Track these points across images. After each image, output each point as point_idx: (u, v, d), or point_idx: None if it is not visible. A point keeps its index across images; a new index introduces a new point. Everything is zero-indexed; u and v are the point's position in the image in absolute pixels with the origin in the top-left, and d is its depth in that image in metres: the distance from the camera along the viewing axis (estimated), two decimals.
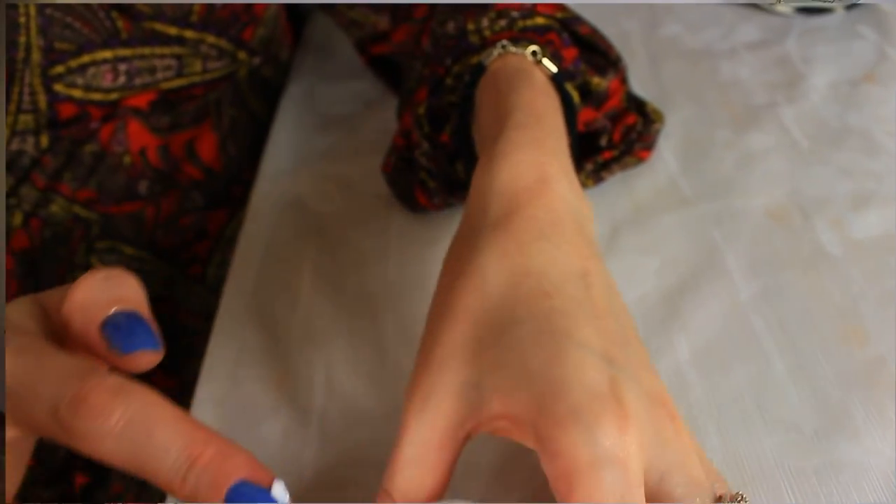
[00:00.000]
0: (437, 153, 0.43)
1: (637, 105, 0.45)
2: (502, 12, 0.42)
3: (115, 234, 0.52)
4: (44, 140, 0.48)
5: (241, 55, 0.54)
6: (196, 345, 0.54)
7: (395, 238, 0.45)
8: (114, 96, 0.48)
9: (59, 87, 0.47)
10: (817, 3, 0.57)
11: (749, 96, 0.51)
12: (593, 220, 0.32)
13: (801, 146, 0.47)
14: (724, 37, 0.58)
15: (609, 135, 0.43)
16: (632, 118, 0.44)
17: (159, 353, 0.25)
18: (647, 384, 0.26)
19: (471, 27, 0.42)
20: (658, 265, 0.41)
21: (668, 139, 0.48)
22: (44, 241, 0.50)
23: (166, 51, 0.49)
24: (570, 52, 0.41)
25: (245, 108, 0.57)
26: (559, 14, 0.43)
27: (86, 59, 0.47)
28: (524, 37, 0.40)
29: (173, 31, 0.49)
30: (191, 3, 0.49)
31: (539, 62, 0.39)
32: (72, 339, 0.25)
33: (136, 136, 0.50)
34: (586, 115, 0.42)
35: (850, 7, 0.58)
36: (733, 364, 0.35)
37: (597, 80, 0.42)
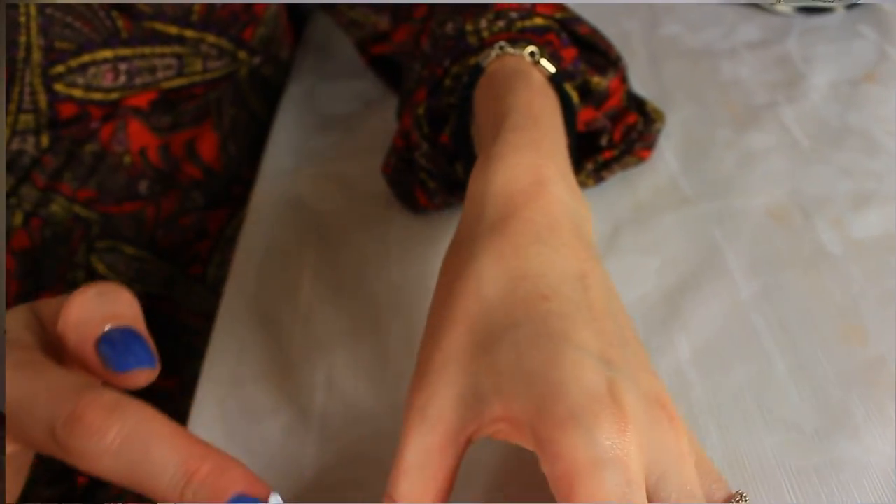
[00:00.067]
0: (436, 154, 0.43)
1: (637, 104, 0.45)
2: (501, 13, 0.42)
3: (116, 234, 0.52)
4: (44, 140, 0.48)
5: (242, 55, 0.54)
6: (196, 344, 0.54)
7: (395, 237, 0.45)
8: (114, 96, 0.48)
9: (59, 87, 0.47)
10: (818, 3, 0.57)
11: (749, 96, 0.51)
12: (592, 220, 0.32)
13: (801, 146, 0.47)
14: (724, 36, 0.58)
15: (609, 134, 0.43)
16: (632, 118, 0.44)
17: (155, 371, 0.25)
18: (646, 385, 0.26)
19: (469, 28, 0.42)
20: (659, 264, 0.41)
21: (669, 139, 0.48)
22: (44, 240, 0.50)
23: (167, 50, 0.49)
24: (570, 52, 0.41)
25: (245, 108, 0.57)
26: (558, 14, 0.43)
27: (86, 58, 0.47)
28: (522, 38, 0.40)
29: (174, 30, 0.49)
30: (191, 3, 0.49)
31: (537, 63, 0.38)
32: (68, 354, 0.25)
33: (137, 135, 0.50)
34: (586, 115, 0.42)
35: (851, 7, 0.58)
36: (734, 363, 0.35)
37: (597, 80, 0.42)
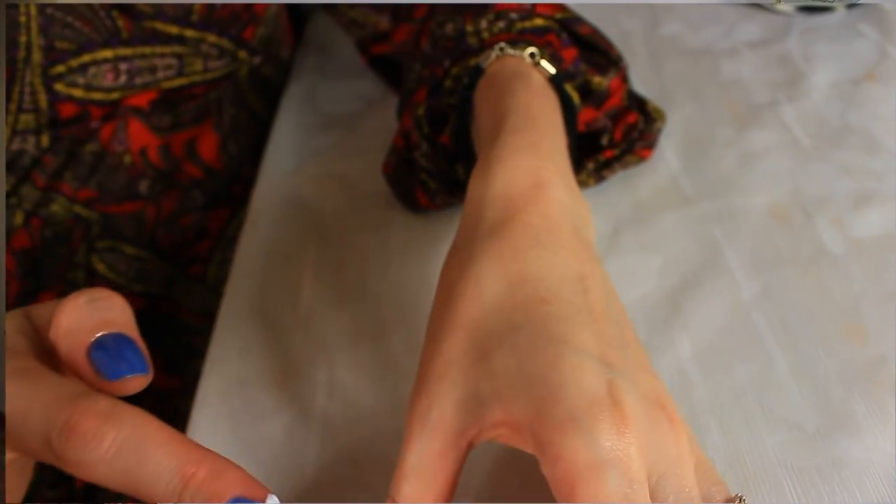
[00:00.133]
0: (436, 154, 0.42)
1: (638, 104, 0.45)
2: (501, 14, 0.42)
3: (116, 234, 0.52)
4: (44, 139, 0.48)
5: (242, 54, 0.54)
6: (197, 345, 0.54)
7: (396, 237, 0.45)
8: (114, 96, 0.48)
9: (59, 87, 0.47)
10: (818, 2, 0.57)
11: (750, 95, 0.51)
12: (592, 220, 0.32)
13: (802, 145, 0.47)
14: (725, 35, 0.57)
15: (610, 134, 0.43)
16: (633, 117, 0.44)
17: (148, 377, 0.25)
18: (646, 386, 0.26)
19: (469, 29, 0.42)
20: (660, 264, 0.41)
21: (670, 138, 0.48)
22: (44, 240, 0.50)
23: (167, 50, 0.49)
24: (570, 53, 0.41)
25: (246, 108, 0.57)
26: (559, 15, 0.43)
27: (86, 58, 0.47)
28: (522, 39, 0.40)
29: (174, 30, 0.49)
30: (191, 3, 0.49)
31: (537, 64, 0.38)
32: (62, 362, 0.25)
33: (137, 135, 0.50)
34: (587, 115, 0.42)
35: (852, 6, 0.58)
36: (735, 362, 0.35)
37: (597, 80, 0.42)
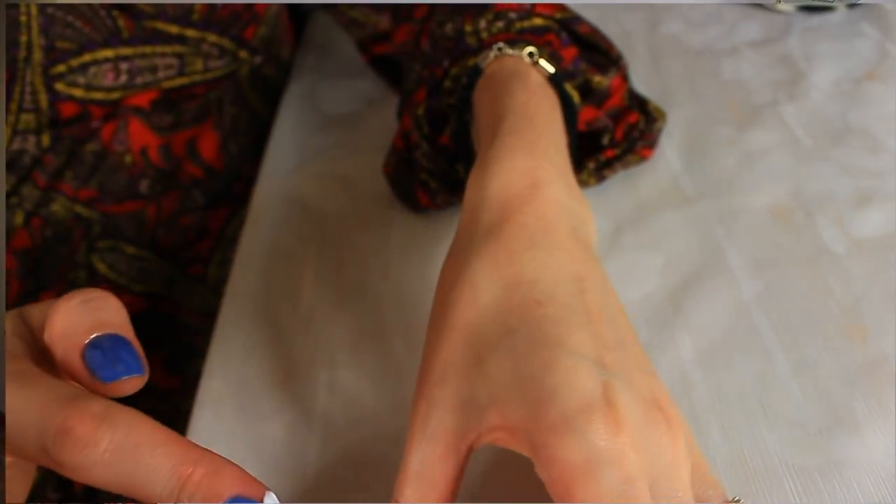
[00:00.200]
0: (436, 154, 0.42)
1: (639, 103, 0.45)
2: (500, 14, 0.42)
3: (117, 234, 0.52)
4: (45, 139, 0.48)
5: (243, 54, 0.54)
6: (197, 344, 0.54)
7: (397, 236, 0.45)
8: (115, 95, 0.48)
9: (60, 87, 0.47)
10: (819, 2, 0.57)
11: (751, 94, 0.51)
12: (591, 220, 0.32)
13: (803, 144, 0.47)
14: (725, 35, 0.57)
15: (611, 133, 0.43)
16: (634, 116, 0.44)
17: (144, 377, 0.25)
18: (642, 387, 0.26)
19: (468, 29, 0.42)
20: (661, 263, 0.41)
21: (671, 137, 0.48)
22: (45, 240, 0.50)
23: (167, 50, 0.49)
24: (570, 52, 0.41)
25: (246, 107, 0.57)
26: (558, 14, 0.43)
27: (87, 58, 0.47)
28: (521, 38, 0.40)
29: (174, 29, 0.49)
30: (192, 3, 0.49)
31: (536, 63, 0.38)
32: (56, 364, 0.24)
33: (138, 135, 0.50)
34: (588, 114, 0.42)
35: (852, 5, 0.58)
36: (736, 362, 0.35)
37: (598, 79, 0.42)
